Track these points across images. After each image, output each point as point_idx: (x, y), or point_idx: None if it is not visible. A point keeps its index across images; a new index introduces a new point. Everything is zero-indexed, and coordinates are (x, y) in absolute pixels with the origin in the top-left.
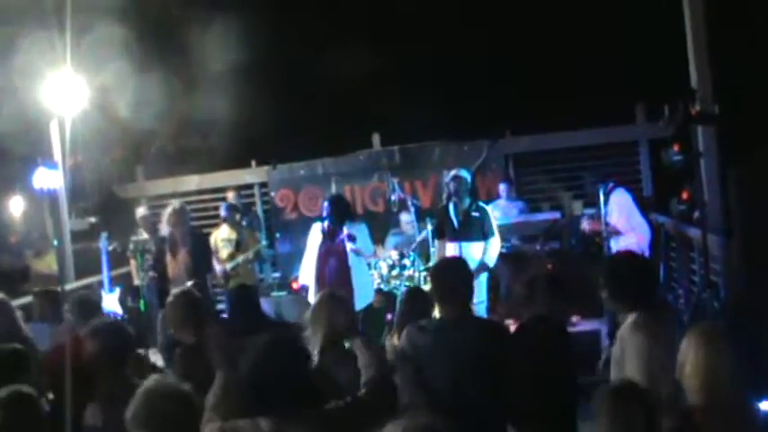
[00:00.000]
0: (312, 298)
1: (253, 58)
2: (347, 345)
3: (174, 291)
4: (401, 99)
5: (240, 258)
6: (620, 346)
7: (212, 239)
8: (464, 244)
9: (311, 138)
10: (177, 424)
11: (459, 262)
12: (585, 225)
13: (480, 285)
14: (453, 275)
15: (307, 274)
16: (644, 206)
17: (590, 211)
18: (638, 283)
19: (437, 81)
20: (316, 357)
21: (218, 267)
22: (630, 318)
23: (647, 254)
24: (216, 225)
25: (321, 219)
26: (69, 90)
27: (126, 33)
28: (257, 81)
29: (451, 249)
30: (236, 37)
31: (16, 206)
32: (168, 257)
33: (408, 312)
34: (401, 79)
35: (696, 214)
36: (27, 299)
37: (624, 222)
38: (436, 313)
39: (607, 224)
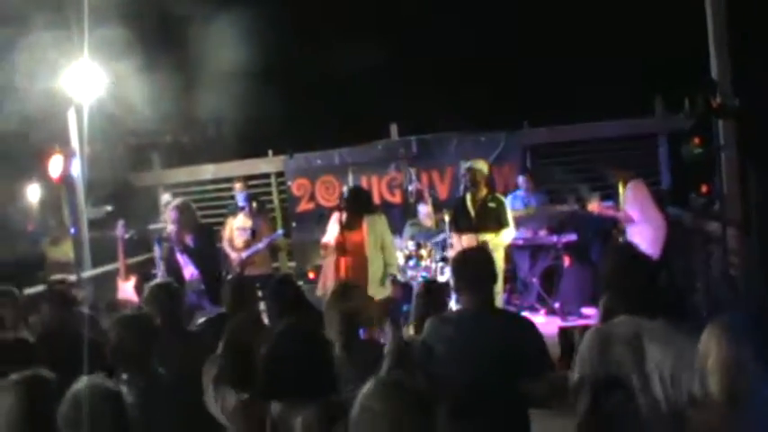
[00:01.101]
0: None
1: (269, 48)
2: (362, 335)
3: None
4: (419, 89)
5: (259, 245)
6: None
7: (227, 227)
8: (482, 235)
9: (328, 127)
10: (108, 425)
11: (480, 252)
12: (594, 206)
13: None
14: (475, 266)
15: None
16: (662, 199)
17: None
18: (645, 289)
19: (456, 71)
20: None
21: (233, 255)
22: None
23: (659, 247)
24: (229, 214)
25: (340, 209)
26: (86, 78)
27: (142, 24)
28: (274, 71)
29: (468, 240)
30: (252, 27)
31: (33, 194)
32: (179, 256)
33: (424, 305)
34: (419, 69)
35: (716, 207)
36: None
37: (638, 214)
38: (452, 305)
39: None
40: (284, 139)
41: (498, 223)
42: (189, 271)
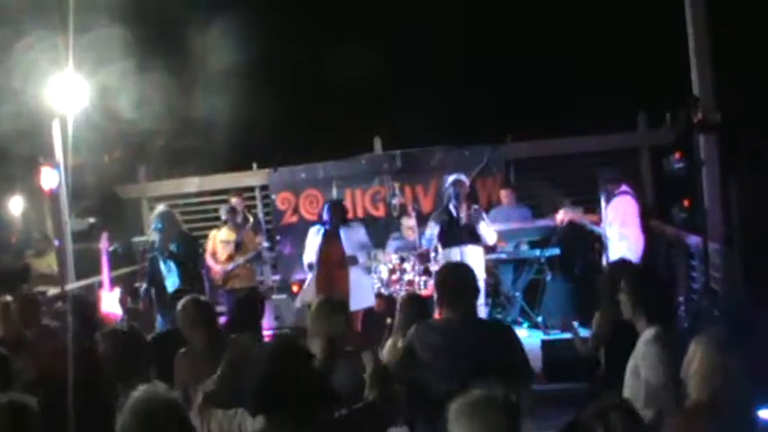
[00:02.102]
0: (309, 300)
1: (254, 60)
2: (348, 349)
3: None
4: (403, 103)
5: (241, 260)
6: (634, 359)
7: (210, 240)
8: (467, 248)
9: (312, 141)
10: None
11: (463, 266)
12: (561, 215)
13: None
14: (458, 280)
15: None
16: (645, 213)
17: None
18: (663, 298)
19: (439, 86)
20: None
21: (216, 267)
22: (650, 331)
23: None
24: (216, 227)
25: (320, 223)
26: (71, 90)
27: (126, 33)
28: (258, 83)
29: (456, 253)
30: (237, 38)
31: (16, 206)
32: (161, 264)
33: (410, 314)
34: (403, 83)
35: (697, 222)
36: None
37: (617, 229)
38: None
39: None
40: (268, 151)
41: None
42: (172, 282)
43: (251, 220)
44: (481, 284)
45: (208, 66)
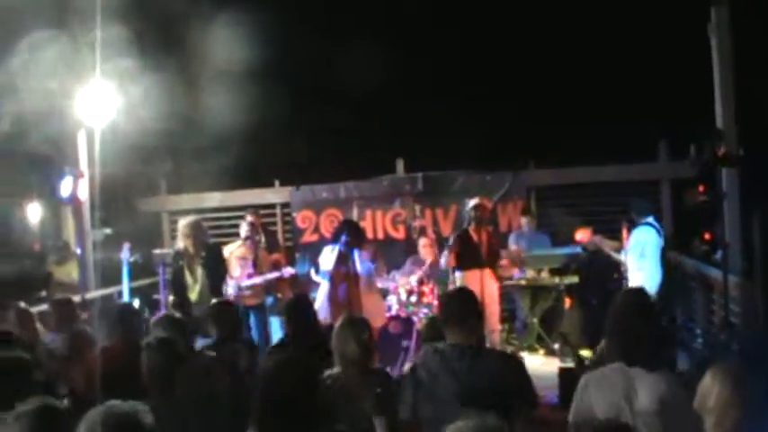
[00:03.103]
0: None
1: (281, 80)
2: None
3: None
4: (426, 126)
5: (259, 279)
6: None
7: (226, 255)
8: (486, 271)
9: (335, 160)
10: None
11: (467, 292)
12: (580, 235)
13: (493, 315)
14: (461, 305)
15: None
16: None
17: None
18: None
19: (464, 110)
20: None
21: (230, 283)
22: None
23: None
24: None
25: (334, 242)
26: (98, 100)
27: (150, 49)
28: (284, 102)
29: (476, 276)
30: (264, 57)
31: (34, 213)
32: (186, 274)
33: (427, 340)
34: (427, 106)
35: (717, 255)
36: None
37: (634, 260)
38: None
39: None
40: (291, 169)
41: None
42: (195, 293)
43: (262, 239)
44: (497, 308)
45: (233, 82)
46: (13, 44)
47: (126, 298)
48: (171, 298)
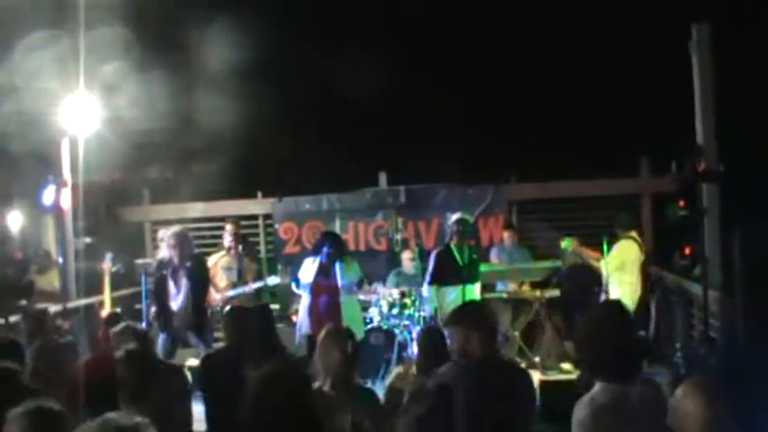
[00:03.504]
0: (306, 332)
1: (264, 93)
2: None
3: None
4: (409, 139)
5: (245, 288)
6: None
7: (211, 267)
8: (468, 287)
9: (318, 171)
10: None
11: (485, 305)
12: (564, 244)
13: None
14: (483, 318)
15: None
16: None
17: None
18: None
19: (446, 124)
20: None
21: (214, 294)
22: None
23: (633, 307)
24: (213, 252)
25: (315, 254)
26: (82, 110)
27: (133, 58)
28: (267, 113)
29: (455, 292)
30: (245, 69)
31: (15, 221)
32: (170, 283)
33: (422, 349)
34: (410, 119)
35: (697, 270)
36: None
37: (617, 273)
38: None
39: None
40: (272, 179)
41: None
42: (177, 303)
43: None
44: None
45: (216, 93)
46: None
47: (107, 307)
48: (152, 308)
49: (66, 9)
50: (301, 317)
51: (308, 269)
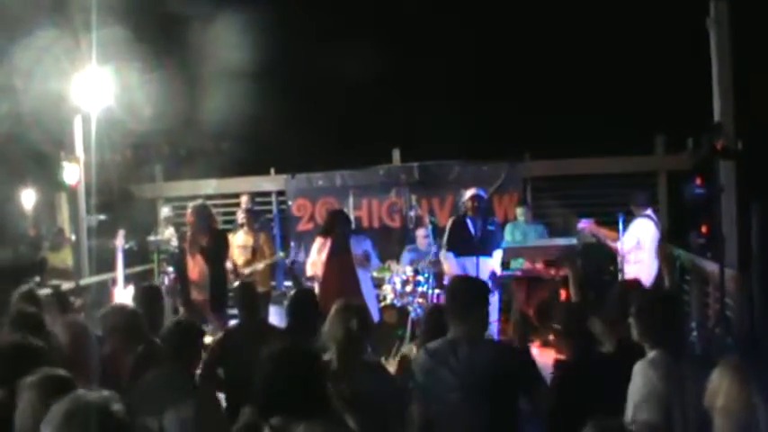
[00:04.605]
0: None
1: (277, 67)
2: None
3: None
4: (423, 116)
5: (260, 265)
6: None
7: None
8: (481, 259)
9: (332, 148)
10: None
11: (471, 280)
12: (583, 224)
13: (492, 305)
14: (465, 294)
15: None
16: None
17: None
18: (669, 323)
19: (461, 101)
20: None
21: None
22: (650, 354)
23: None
24: (230, 230)
25: (325, 234)
26: (94, 87)
27: (145, 36)
28: (281, 90)
29: (468, 263)
30: (259, 44)
31: (28, 199)
32: (188, 257)
33: (429, 330)
34: (424, 96)
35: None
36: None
37: (633, 251)
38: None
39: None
40: (286, 156)
41: (495, 247)
42: (195, 275)
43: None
44: (495, 300)
45: (229, 69)
46: (10, 32)
47: (120, 284)
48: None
49: None
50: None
51: (319, 250)
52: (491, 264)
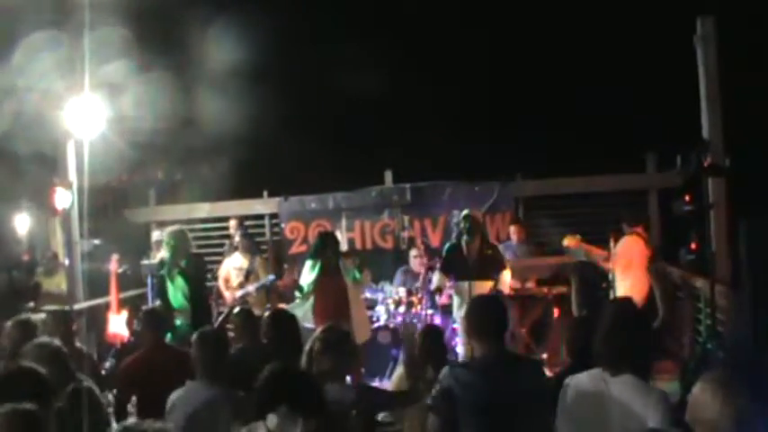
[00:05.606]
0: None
1: (270, 91)
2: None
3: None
4: (415, 137)
5: (251, 288)
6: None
7: (223, 267)
8: (476, 283)
9: (324, 170)
10: None
11: (493, 299)
12: (567, 241)
13: None
14: (490, 312)
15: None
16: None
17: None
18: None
19: (453, 122)
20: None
21: (227, 295)
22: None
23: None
24: (221, 253)
25: (314, 256)
26: (87, 112)
27: (136, 60)
28: (273, 113)
29: (463, 287)
30: (251, 66)
31: (22, 224)
32: (167, 282)
33: (422, 349)
34: (416, 117)
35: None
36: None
37: (621, 269)
38: (459, 350)
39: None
40: (278, 179)
41: (496, 270)
42: (176, 300)
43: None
44: None
45: (223, 94)
46: (2, 53)
47: (114, 309)
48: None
49: (71, 10)
50: (306, 318)
51: (308, 271)
52: (488, 287)
